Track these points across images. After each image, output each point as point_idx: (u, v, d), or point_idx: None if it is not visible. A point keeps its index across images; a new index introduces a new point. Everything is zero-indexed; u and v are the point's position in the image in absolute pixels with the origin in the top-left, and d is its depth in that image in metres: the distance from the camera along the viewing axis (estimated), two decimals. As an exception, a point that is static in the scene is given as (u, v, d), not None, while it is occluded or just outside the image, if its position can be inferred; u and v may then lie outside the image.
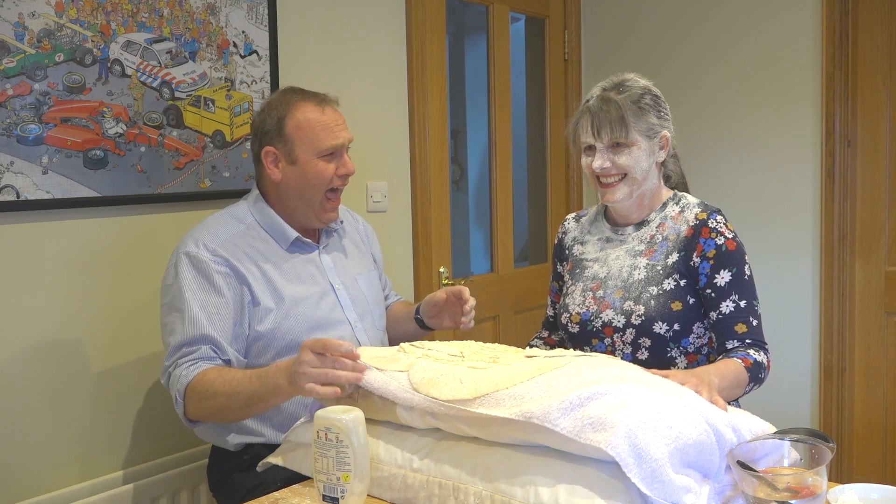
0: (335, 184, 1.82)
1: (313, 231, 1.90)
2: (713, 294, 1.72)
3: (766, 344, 1.72)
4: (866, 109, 2.95)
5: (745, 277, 1.73)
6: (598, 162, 1.75)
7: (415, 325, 1.99)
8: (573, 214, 2.03)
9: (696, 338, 1.75)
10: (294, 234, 1.83)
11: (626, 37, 3.46)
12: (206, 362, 1.65)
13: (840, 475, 2.99)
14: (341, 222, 1.98)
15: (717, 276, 1.71)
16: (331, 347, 1.41)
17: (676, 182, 1.92)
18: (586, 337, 1.81)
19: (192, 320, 1.67)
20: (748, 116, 3.17)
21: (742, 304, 1.71)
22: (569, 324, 1.84)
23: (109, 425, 2.02)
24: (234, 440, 1.78)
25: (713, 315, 1.72)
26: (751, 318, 1.71)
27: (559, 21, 3.50)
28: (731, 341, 1.70)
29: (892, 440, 2.97)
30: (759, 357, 1.65)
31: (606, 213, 1.92)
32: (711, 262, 1.72)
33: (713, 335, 1.74)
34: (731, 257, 1.72)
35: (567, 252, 1.96)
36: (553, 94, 3.48)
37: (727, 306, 1.70)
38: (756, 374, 1.63)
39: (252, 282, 1.75)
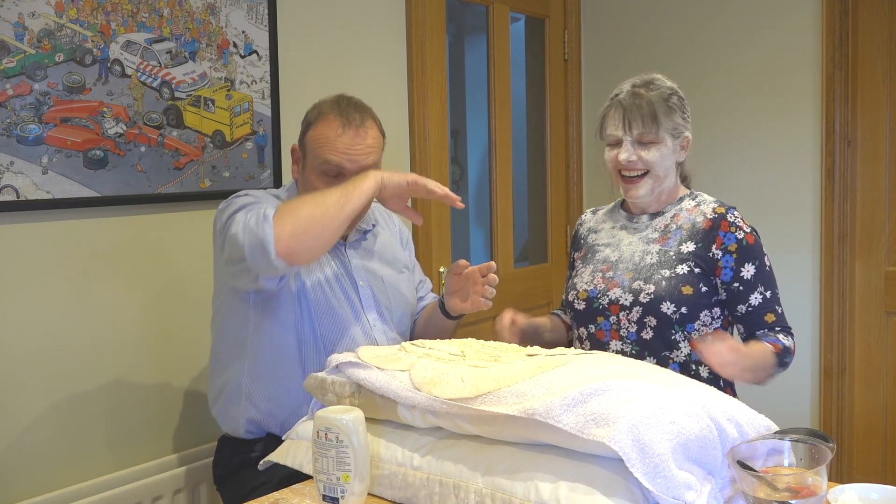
0: None
1: None
2: (741, 287, 1.78)
3: (791, 328, 1.80)
4: (866, 109, 2.95)
5: (767, 269, 1.80)
6: (625, 155, 1.79)
7: (440, 313, 1.95)
8: (591, 209, 2.09)
9: (702, 325, 1.78)
10: None
11: (626, 37, 3.46)
12: None
13: (840, 475, 2.99)
14: (374, 225, 1.97)
15: (742, 269, 1.77)
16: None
17: (688, 184, 1.97)
18: (592, 314, 1.84)
19: (264, 199, 1.73)
20: (748, 116, 3.17)
21: (768, 294, 1.79)
22: (575, 301, 1.87)
23: (109, 425, 2.02)
24: (246, 418, 1.79)
25: (742, 308, 1.79)
26: (776, 307, 1.79)
27: (559, 21, 3.50)
28: (761, 331, 1.78)
29: (892, 440, 2.97)
30: (788, 342, 1.74)
31: (623, 204, 1.97)
32: (734, 255, 1.77)
33: (741, 326, 1.81)
34: (752, 251, 1.78)
35: (582, 242, 2.01)
36: (553, 94, 3.48)
37: (756, 298, 1.78)
38: (783, 358, 1.72)
39: None
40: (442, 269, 2.92)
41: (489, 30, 3.18)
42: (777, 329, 1.77)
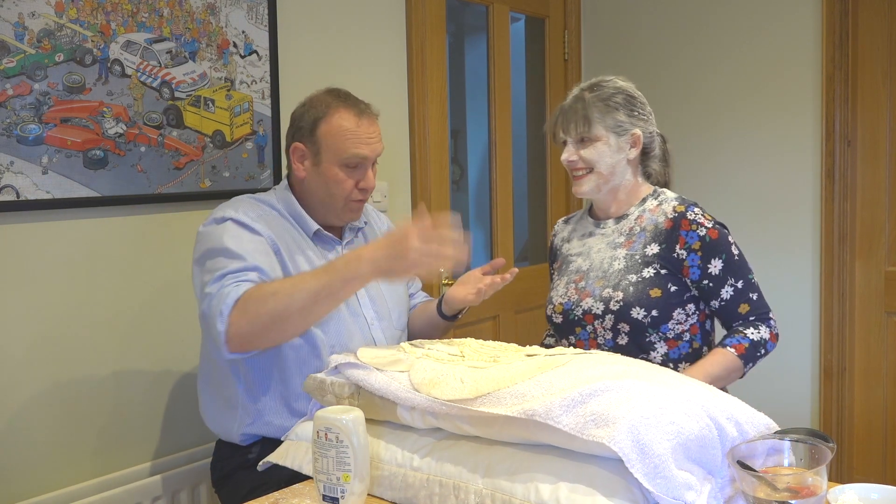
0: (354, 196, 1.83)
1: (336, 226, 1.92)
2: (711, 284, 1.79)
3: (768, 312, 1.82)
4: (866, 109, 2.95)
5: (736, 259, 1.81)
6: (566, 155, 1.88)
7: (435, 313, 1.97)
8: (563, 218, 2.12)
9: (677, 324, 1.80)
10: (315, 226, 1.85)
11: (626, 37, 3.46)
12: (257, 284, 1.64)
13: (840, 475, 2.99)
14: (366, 223, 1.99)
15: (709, 266, 1.78)
16: (439, 225, 1.49)
17: (657, 182, 1.97)
18: (570, 326, 1.87)
19: (238, 256, 1.67)
20: (748, 116, 3.17)
21: (739, 284, 1.80)
22: (553, 315, 1.91)
23: (109, 425, 2.02)
24: (241, 431, 1.78)
25: (715, 303, 1.81)
26: (750, 295, 1.81)
27: (559, 21, 3.50)
28: (736, 322, 1.80)
29: (892, 440, 2.97)
30: (757, 335, 1.76)
31: (591, 211, 1.99)
32: (699, 253, 1.78)
33: (718, 320, 1.84)
34: (717, 245, 1.79)
35: (557, 252, 2.04)
36: (553, 94, 3.48)
37: (727, 292, 1.79)
38: (753, 353, 1.75)
39: (284, 253, 1.77)
40: (441, 269, 2.92)
41: (489, 30, 3.18)
42: (752, 318, 1.79)
